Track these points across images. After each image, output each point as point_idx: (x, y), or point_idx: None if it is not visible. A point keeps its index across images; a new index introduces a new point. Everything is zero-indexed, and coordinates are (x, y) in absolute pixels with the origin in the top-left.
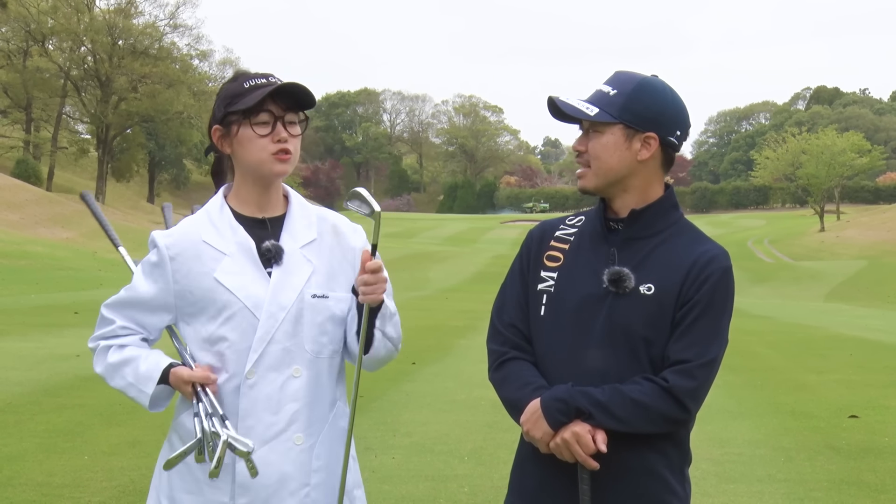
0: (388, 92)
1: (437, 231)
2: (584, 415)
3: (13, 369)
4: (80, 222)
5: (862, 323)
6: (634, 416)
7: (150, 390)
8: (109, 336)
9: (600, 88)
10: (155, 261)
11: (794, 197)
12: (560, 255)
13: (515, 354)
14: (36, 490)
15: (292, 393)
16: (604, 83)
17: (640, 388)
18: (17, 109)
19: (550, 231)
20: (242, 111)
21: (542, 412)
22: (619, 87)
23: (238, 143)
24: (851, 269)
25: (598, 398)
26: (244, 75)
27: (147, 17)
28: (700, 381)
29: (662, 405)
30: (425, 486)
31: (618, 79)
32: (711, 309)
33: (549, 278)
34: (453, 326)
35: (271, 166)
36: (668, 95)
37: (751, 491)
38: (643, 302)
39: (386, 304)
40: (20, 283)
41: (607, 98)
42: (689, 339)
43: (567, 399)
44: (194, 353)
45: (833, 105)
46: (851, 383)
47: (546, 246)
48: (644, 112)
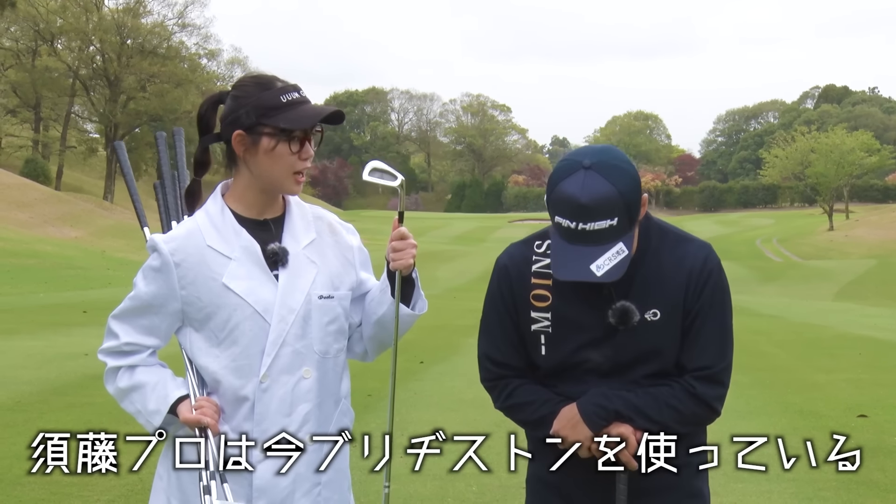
0: (396, 91)
1: (445, 230)
2: (623, 417)
3: (22, 368)
4: (88, 221)
5: (871, 322)
6: (668, 418)
7: (157, 423)
8: (116, 352)
9: (593, 227)
10: (157, 265)
11: (802, 196)
12: (546, 292)
13: (520, 382)
14: (45, 488)
15: (304, 394)
16: (590, 222)
17: (671, 391)
18: (26, 109)
19: (525, 266)
20: (282, 128)
21: (581, 416)
22: (613, 215)
23: (265, 155)
24: (860, 269)
25: (634, 402)
26: (276, 87)
27: (156, 17)
28: (725, 385)
29: (695, 409)
30: (433, 485)
31: (599, 211)
32: (715, 309)
33: (543, 318)
34: (461, 325)
35: (291, 186)
36: (630, 166)
37: (759, 490)
38: (653, 328)
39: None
40: (29, 282)
41: (614, 230)
42: (702, 345)
43: (605, 404)
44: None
45: (842, 104)
46: (860, 382)
47: (528, 285)
48: (636, 209)
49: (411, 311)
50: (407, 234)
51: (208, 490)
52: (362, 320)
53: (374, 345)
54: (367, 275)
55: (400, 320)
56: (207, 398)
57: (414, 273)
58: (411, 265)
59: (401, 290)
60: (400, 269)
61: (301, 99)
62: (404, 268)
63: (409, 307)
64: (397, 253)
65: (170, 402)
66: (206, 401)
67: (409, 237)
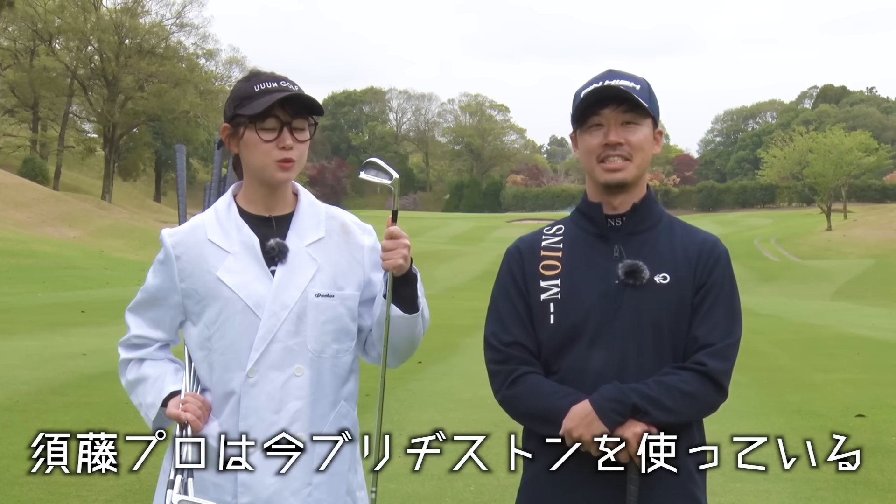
0: (395, 91)
1: (444, 230)
2: (640, 411)
3: (20, 368)
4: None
5: (869, 322)
6: (684, 405)
7: (152, 416)
8: (128, 345)
9: (620, 83)
10: (162, 258)
11: (800, 196)
12: (556, 262)
13: (527, 370)
14: (44, 488)
15: (294, 391)
16: (615, 79)
17: (679, 377)
18: (24, 108)
19: (535, 244)
20: (249, 116)
21: (597, 413)
22: (638, 83)
23: (244, 145)
24: (858, 268)
25: (648, 393)
26: (256, 76)
27: (154, 17)
28: (732, 360)
29: (705, 391)
30: (431, 485)
31: (624, 75)
32: (725, 291)
33: (552, 287)
34: (459, 325)
35: (274, 173)
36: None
37: (757, 490)
38: (662, 291)
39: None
40: (27, 282)
41: (637, 92)
42: (712, 322)
43: (621, 398)
44: (194, 356)
45: (840, 104)
46: (858, 382)
47: (537, 258)
48: (657, 109)
49: (405, 313)
50: (398, 234)
51: (171, 484)
52: (371, 322)
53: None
54: (379, 276)
55: (397, 323)
56: (195, 394)
57: (414, 272)
58: (402, 265)
59: (395, 291)
60: (391, 270)
61: (278, 88)
62: (394, 268)
63: (410, 310)
64: (387, 253)
65: (163, 395)
66: (193, 397)
67: (401, 237)
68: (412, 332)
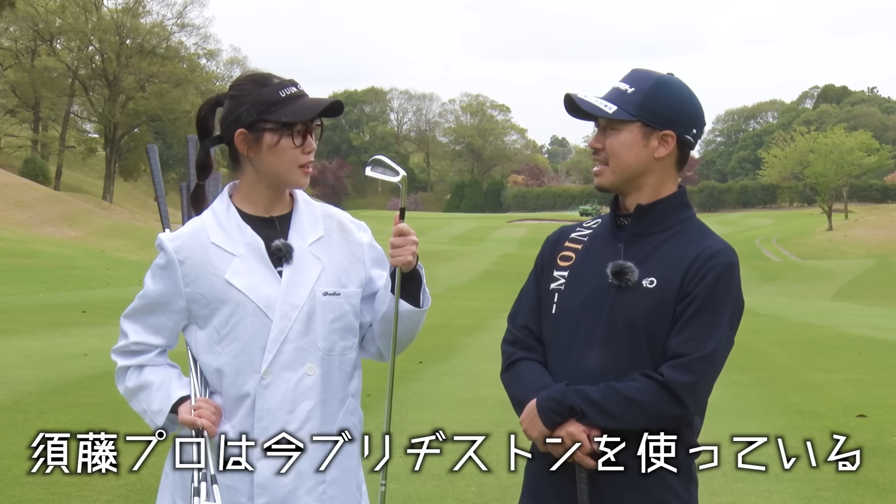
0: (396, 91)
1: (445, 230)
2: (578, 413)
3: (21, 368)
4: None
5: (870, 322)
6: (629, 413)
7: (160, 423)
8: (125, 352)
9: (617, 86)
10: (163, 263)
11: (801, 196)
12: (573, 254)
13: (524, 355)
14: (44, 488)
15: (306, 391)
16: (621, 80)
17: (636, 384)
18: (25, 109)
19: (566, 234)
20: (284, 123)
21: (538, 412)
22: (636, 85)
23: (269, 151)
24: (859, 268)
25: (591, 396)
26: (274, 82)
27: (155, 17)
28: (698, 375)
29: (658, 401)
30: (432, 485)
31: (635, 76)
32: (711, 302)
33: (561, 277)
34: (460, 325)
35: (298, 178)
36: (685, 94)
37: (758, 490)
38: (645, 295)
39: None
40: (28, 282)
41: (625, 96)
42: (687, 333)
43: (560, 398)
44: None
45: (841, 104)
46: (859, 382)
47: (560, 247)
48: (662, 110)
49: (414, 307)
50: (407, 231)
51: (198, 492)
52: (372, 318)
53: (385, 343)
54: (379, 272)
55: (405, 318)
56: (207, 399)
57: (419, 269)
58: (410, 262)
59: (401, 286)
60: (400, 266)
61: (299, 93)
62: (403, 264)
63: (416, 304)
64: (396, 249)
65: (172, 401)
66: (205, 402)
67: (409, 234)
68: (417, 327)
